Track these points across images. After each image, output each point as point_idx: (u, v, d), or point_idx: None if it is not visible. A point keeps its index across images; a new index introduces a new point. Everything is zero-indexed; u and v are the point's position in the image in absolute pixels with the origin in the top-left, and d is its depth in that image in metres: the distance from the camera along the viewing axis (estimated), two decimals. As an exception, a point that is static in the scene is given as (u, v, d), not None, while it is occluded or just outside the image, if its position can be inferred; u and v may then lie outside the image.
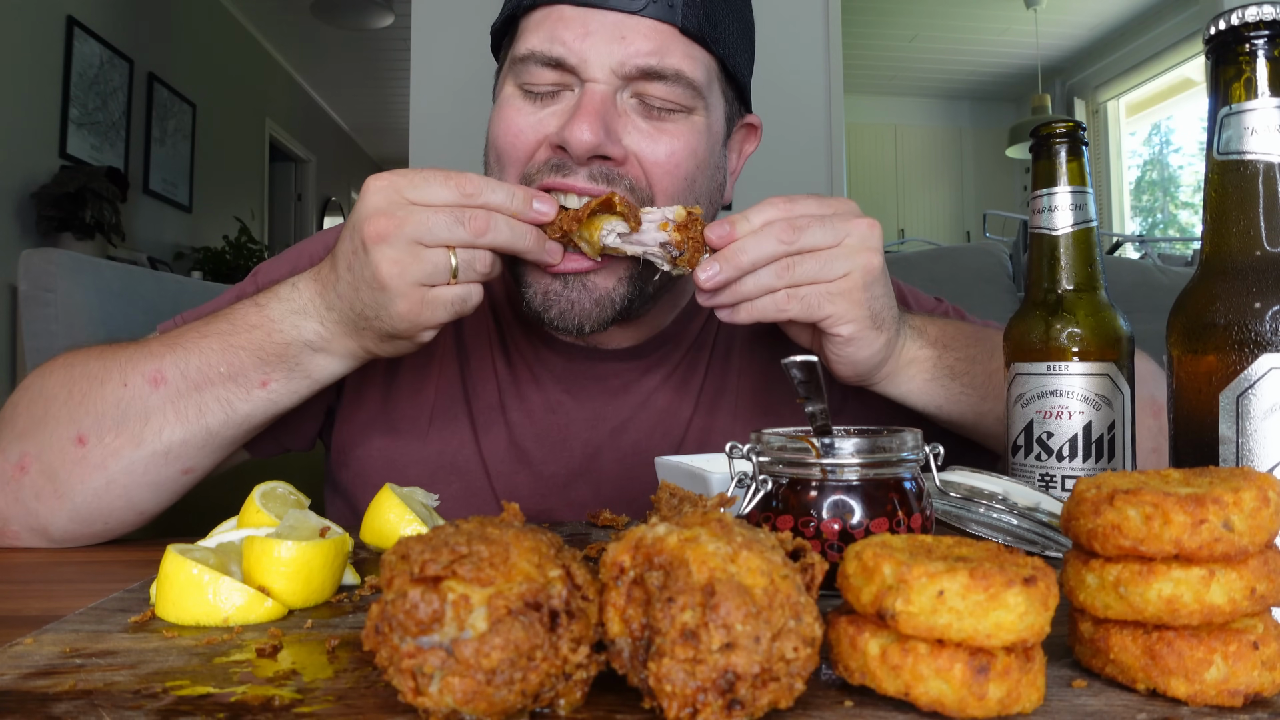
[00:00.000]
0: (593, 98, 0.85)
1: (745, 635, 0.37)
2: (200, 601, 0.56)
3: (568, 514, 1.03)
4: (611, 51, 0.85)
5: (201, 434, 0.83)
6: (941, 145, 8.55)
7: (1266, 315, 0.53)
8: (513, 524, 0.46)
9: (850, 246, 0.80)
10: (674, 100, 0.88)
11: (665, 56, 0.86)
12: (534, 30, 0.88)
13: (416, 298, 0.76)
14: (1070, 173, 0.75)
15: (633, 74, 0.86)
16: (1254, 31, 0.56)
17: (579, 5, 0.86)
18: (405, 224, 0.75)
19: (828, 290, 0.80)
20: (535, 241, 0.79)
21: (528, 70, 0.88)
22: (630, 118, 0.88)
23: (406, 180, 0.76)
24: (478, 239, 0.76)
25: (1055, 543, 0.68)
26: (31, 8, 4.24)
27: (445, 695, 0.38)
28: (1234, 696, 0.41)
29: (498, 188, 0.77)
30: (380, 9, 6.08)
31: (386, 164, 10.99)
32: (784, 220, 0.79)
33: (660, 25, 0.86)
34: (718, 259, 0.78)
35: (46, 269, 1.17)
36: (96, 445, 0.81)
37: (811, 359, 0.57)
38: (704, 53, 0.89)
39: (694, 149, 0.90)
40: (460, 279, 0.77)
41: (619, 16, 0.85)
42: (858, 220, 0.81)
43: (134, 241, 5.04)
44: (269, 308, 0.82)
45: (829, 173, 3.72)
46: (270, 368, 0.82)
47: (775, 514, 0.59)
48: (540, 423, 1.03)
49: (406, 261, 0.75)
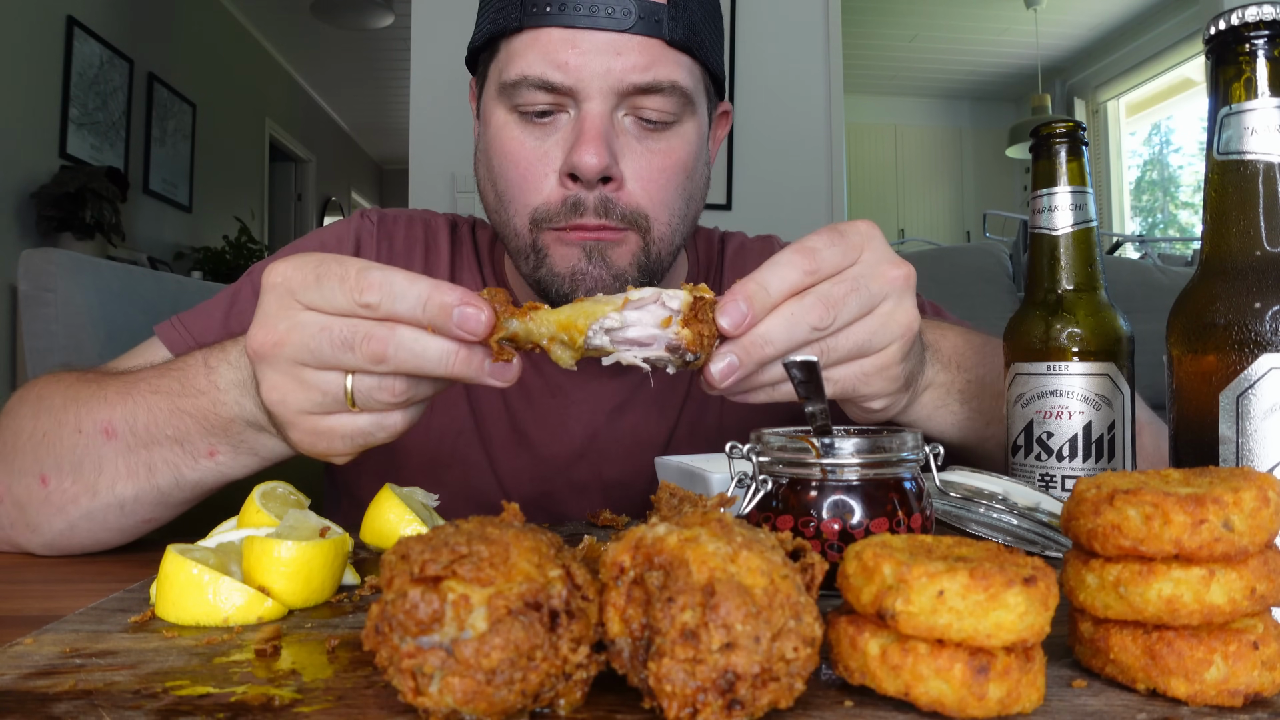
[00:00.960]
0: (594, 120, 0.85)
1: (745, 635, 0.37)
2: (200, 601, 0.56)
3: (570, 497, 1.04)
4: (607, 70, 0.85)
5: (153, 493, 0.78)
6: (941, 145, 8.55)
7: (1266, 315, 0.53)
8: (513, 524, 0.46)
9: (886, 314, 0.69)
10: (668, 111, 0.88)
11: (658, 70, 0.86)
12: (523, 54, 0.86)
13: (307, 427, 0.64)
14: (1070, 173, 0.75)
15: (628, 90, 0.86)
16: (1254, 31, 0.56)
17: (568, 27, 0.84)
18: (285, 343, 0.61)
19: (863, 370, 0.70)
20: (462, 364, 0.60)
21: (520, 94, 0.87)
22: (626, 138, 0.88)
23: (302, 277, 0.61)
24: (375, 365, 0.60)
25: (1055, 543, 0.68)
26: (31, 8, 4.24)
27: (445, 695, 0.38)
28: (1234, 696, 0.41)
29: (407, 292, 0.59)
30: (380, 9, 6.08)
31: (387, 164, 11.00)
32: (814, 298, 0.65)
33: (649, 40, 0.86)
34: (735, 350, 0.63)
35: (46, 269, 1.17)
36: (57, 489, 0.78)
37: (812, 359, 0.57)
38: (690, 60, 0.90)
39: (685, 160, 0.92)
40: (362, 408, 0.63)
41: (609, 35, 0.85)
42: (891, 273, 0.69)
43: (134, 241, 5.04)
44: (217, 372, 0.73)
45: (829, 173, 3.72)
46: (216, 439, 0.74)
47: (775, 514, 0.59)
48: (540, 406, 1.04)
49: (287, 387, 0.63)
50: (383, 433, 0.65)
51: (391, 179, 11.15)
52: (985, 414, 0.88)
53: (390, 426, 0.65)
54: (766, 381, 0.66)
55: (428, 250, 1.09)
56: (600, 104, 0.85)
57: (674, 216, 0.92)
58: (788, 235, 1.37)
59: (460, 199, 3.48)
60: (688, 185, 0.93)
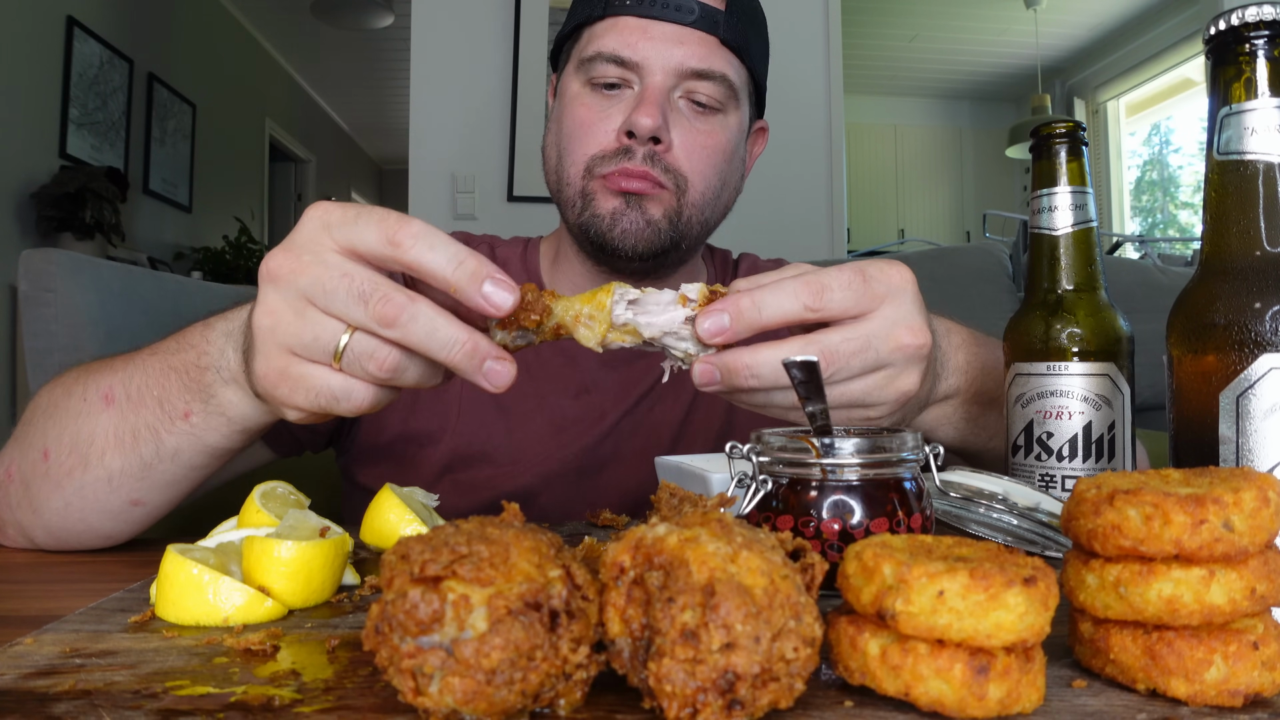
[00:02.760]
0: (654, 91, 0.99)
1: (745, 635, 0.37)
2: (200, 601, 0.56)
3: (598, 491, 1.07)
4: (671, 54, 1.00)
5: (136, 463, 0.77)
6: (941, 145, 8.55)
7: (1266, 315, 0.53)
8: (513, 524, 0.46)
9: (887, 378, 0.67)
10: (716, 98, 1.02)
11: (712, 60, 1.01)
12: (601, 36, 1.02)
13: (279, 364, 0.61)
14: (1070, 173, 0.75)
15: (686, 73, 1.00)
16: (1254, 31, 0.56)
17: (642, 16, 1.00)
18: (303, 273, 0.59)
19: (849, 417, 0.69)
20: (465, 355, 0.58)
21: (595, 67, 1.01)
22: (679, 113, 1.02)
23: (342, 213, 0.60)
24: (382, 328, 0.58)
25: (1055, 543, 0.68)
26: (31, 8, 4.24)
27: (445, 695, 0.38)
28: (1234, 696, 0.41)
29: (445, 246, 0.57)
30: (380, 9, 6.08)
31: (387, 164, 11.00)
32: (819, 349, 0.63)
33: (706, 36, 1.01)
34: (719, 366, 0.63)
35: (46, 269, 1.17)
36: (56, 462, 0.78)
37: (812, 359, 0.57)
38: (738, 61, 1.04)
39: (725, 144, 1.04)
40: (345, 368, 0.60)
41: (675, 27, 1.00)
42: (904, 340, 0.65)
43: (134, 241, 5.04)
44: (213, 327, 0.73)
45: (829, 173, 3.72)
46: (191, 396, 0.73)
47: (775, 514, 0.59)
48: (577, 402, 1.08)
49: (285, 316, 0.60)
50: (347, 403, 0.61)
51: (391, 179, 11.15)
52: (990, 429, 0.89)
53: (356, 400, 0.61)
54: (753, 404, 0.66)
55: None
56: (661, 80, 1.00)
57: (709, 189, 1.04)
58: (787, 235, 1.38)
59: (460, 199, 3.48)
60: (724, 168, 1.06)
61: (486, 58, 3.42)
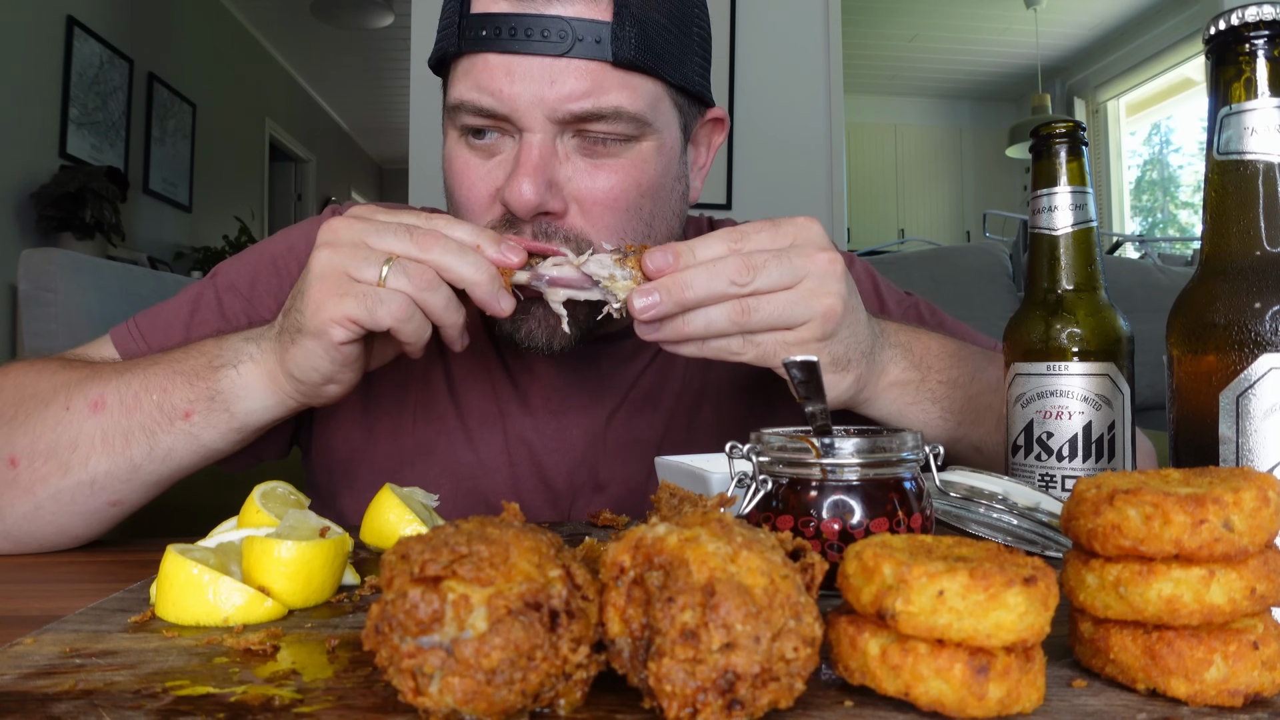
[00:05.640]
0: (530, 152, 0.82)
1: (745, 635, 0.37)
2: (200, 601, 0.56)
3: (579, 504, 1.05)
4: (543, 98, 0.81)
5: (125, 465, 0.78)
6: (941, 145, 8.55)
7: (1266, 315, 0.53)
8: (513, 524, 0.46)
9: (809, 290, 0.74)
10: (617, 133, 0.84)
11: (600, 96, 0.82)
12: (462, 78, 0.85)
13: (332, 281, 0.73)
14: (1070, 173, 0.75)
15: (567, 119, 0.82)
16: (1254, 31, 0.56)
17: (503, 53, 0.81)
18: (353, 227, 0.75)
19: (784, 339, 0.75)
20: (489, 279, 0.74)
21: (461, 117, 0.85)
22: (573, 161, 0.85)
23: (364, 221, 0.76)
24: (424, 253, 0.73)
25: (1055, 543, 0.68)
26: (31, 8, 4.24)
27: (445, 695, 0.38)
28: (1234, 696, 0.41)
29: (461, 226, 0.76)
30: (380, 9, 6.08)
31: (387, 164, 11.01)
32: (737, 259, 0.73)
33: (590, 64, 0.81)
34: (657, 288, 0.72)
35: (46, 269, 1.17)
36: (27, 469, 0.78)
37: (812, 359, 0.57)
38: (643, 79, 0.85)
39: (638, 179, 0.87)
40: (388, 284, 0.72)
41: (545, 61, 0.80)
42: (817, 255, 0.75)
43: (134, 241, 5.04)
44: (228, 339, 0.80)
45: (829, 173, 3.72)
46: (195, 394, 0.78)
47: (775, 514, 0.59)
48: (542, 421, 1.03)
49: (341, 249, 0.74)
50: (384, 310, 0.71)
51: (391, 179, 11.15)
52: (957, 414, 0.90)
53: (394, 308, 0.72)
54: (693, 333, 0.74)
55: None
56: (539, 134, 0.82)
57: (627, 240, 0.87)
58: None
59: (460, 199, 3.48)
60: (647, 206, 0.89)
61: (486, 58, 3.41)
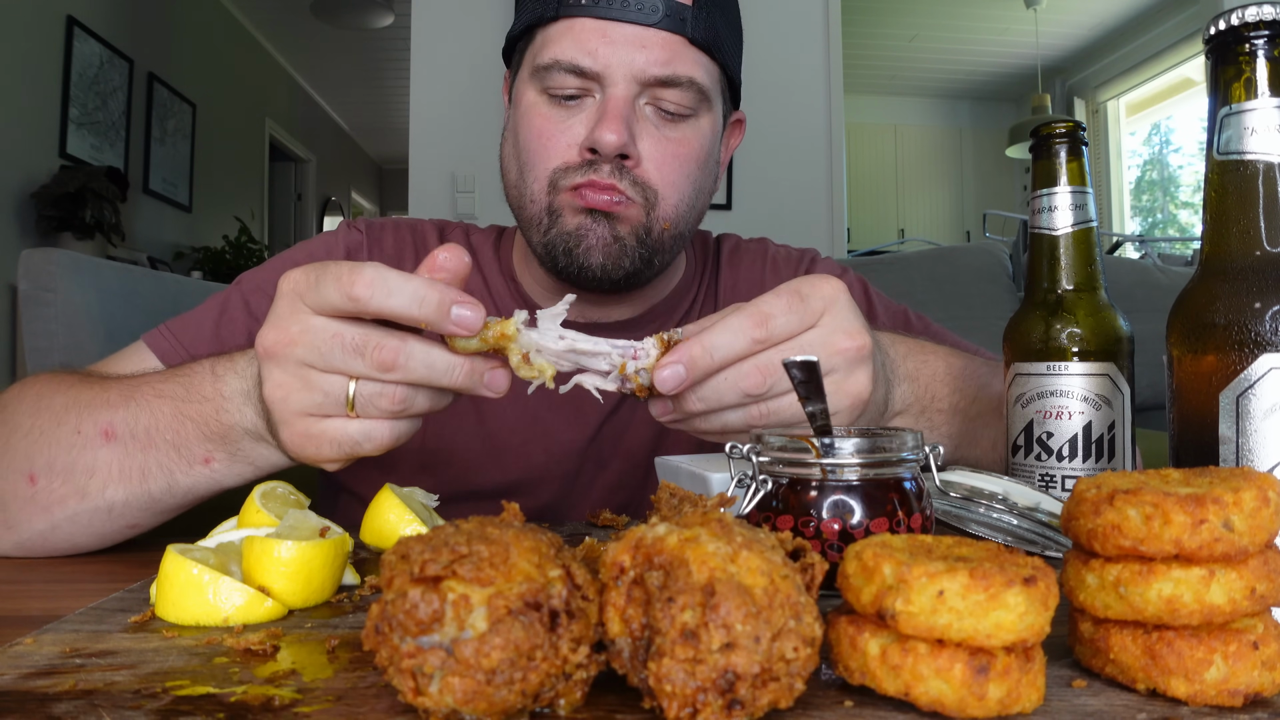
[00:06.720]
0: (617, 103, 0.91)
1: (745, 635, 0.37)
2: (200, 601, 0.56)
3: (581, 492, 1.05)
4: (632, 60, 0.91)
5: (144, 498, 0.78)
6: (941, 145, 8.55)
7: (1266, 315, 0.53)
8: (513, 524, 0.46)
9: (835, 383, 0.69)
10: (685, 105, 0.94)
11: (678, 65, 0.93)
12: (557, 40, 0.93)
13: (300, 429, 0.65)
14: (1070, 173, 0.75)
15: (650, 81, 0.92)
16: (1254, 31, 0.56)
17: (600, 18, 0.91)
18: (296, 343, 0.63)
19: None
20: (466, 376, 0.63)
21: (552, 77, 0.93)
22: (646, 122, 0.94)
23: (306, 281, 0.63)
24: (384, 374, 0.62)
25: (1055, 543, 0.68)
26: (31, 8, 4.24)
27: (445, 695, 0.38)
28: (1234, 696, 0.41)
29: (401, 288, 0.60)
30: (380, 9, 6.08)
31: (387, 164, 11.00)
32: (752, 366, 0.66)
33: (672, 36, 0.92)
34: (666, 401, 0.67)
35: (46, 269, 1.17)
36: (45, 488, 0.78)
37: (812, 359, 0.57)
38: (709, 60, 0.96)
39: (697, 151, 0.97)
40: (360, 414, 0.64)
41: (637, 29, 0.91)
42: (844, 344, 0.69)
43: (134, 241, 5.04)
44: (224, 380, 0.75)
45: (829, 173, 3.72)
46: (213, 445, 0.75)
47: (775, 514, 0.59)
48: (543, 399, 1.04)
49: (291, 386, 0.64)
50: (370, 443, 0.65)
51: (391, 179, 11.15)
52: (954, 438, 0.90)
53: (378, 438, 0.65)
54: (707, 429, 0.69)
55: (418, 255, 1.09)
56: (624, 89, 0.92)
57: (682, 200, 0.97)
58: (787, 235, 1.37)
59: (460, 199, 3.48)
60: (698, 176, 0.98)
61: (486, 57, 3.42)
